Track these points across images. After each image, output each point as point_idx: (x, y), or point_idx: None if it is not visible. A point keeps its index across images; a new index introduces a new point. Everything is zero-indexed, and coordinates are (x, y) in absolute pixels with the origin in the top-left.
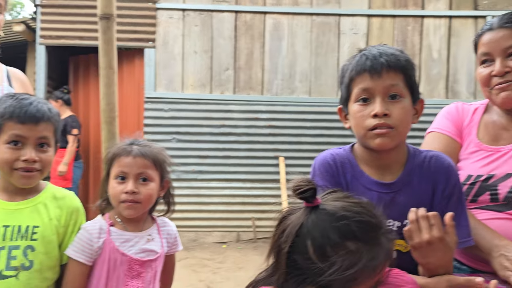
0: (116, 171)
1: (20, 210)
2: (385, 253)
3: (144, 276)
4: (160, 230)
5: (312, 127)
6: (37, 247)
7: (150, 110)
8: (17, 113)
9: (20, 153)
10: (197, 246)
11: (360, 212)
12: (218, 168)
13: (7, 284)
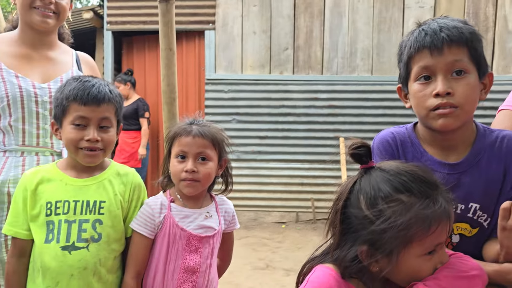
0: (177, 150)
1: (88, 186)
2: (442, 211)
3: (202, 251)
4: (218, 208)
5: (374, 107)
6: (104, 221)
7: (210, 92)
8: (80, 95)
9: (83, 133)
10: (256, 225)
11: (415, 170)
12: (277, 149)
13: (80, 254)
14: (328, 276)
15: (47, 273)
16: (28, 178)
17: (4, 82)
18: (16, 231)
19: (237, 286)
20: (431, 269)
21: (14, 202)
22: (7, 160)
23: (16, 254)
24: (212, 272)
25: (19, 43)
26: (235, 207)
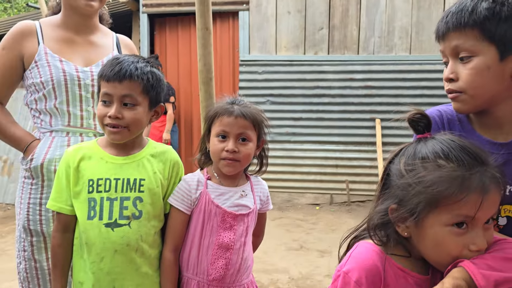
0: (218, 130)
1: (127, 164)
2: (478, 183)
3: (236, 229)
4: (253, 187)
5: (412, 87)
6: (145, 198)
7: (244, 73)
8: (105, 72)
9: (108, 109)
10: (290, 206)
11: (466, 143)
12: (311, 130)
13: (122, 231)
14: (371, 251)
15: (92, 249)
16: (70, 155)
17: (49, 66)
18: (60, 206)
19: (271, 266)
20: (459, 247)
21: (58, 178)
22: (54, 140)
23: (60, 229)
24: (247, 250)
25: (63, 28)
26: (269, 188)
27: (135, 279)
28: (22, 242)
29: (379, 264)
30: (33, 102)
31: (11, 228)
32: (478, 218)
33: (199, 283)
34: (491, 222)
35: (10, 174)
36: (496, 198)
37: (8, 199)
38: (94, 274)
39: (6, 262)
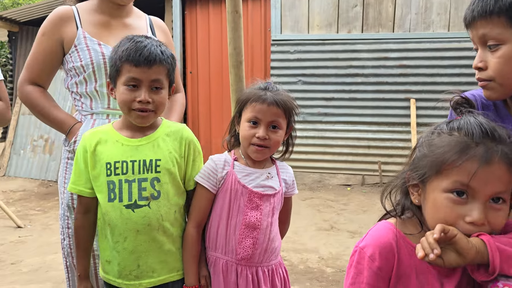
0: (250, 116)
1: (143, 145)
2: (483, 154)
3: (263, 208)
4: (279, 171)
5: (450, 66)
6: (162, 179)
7: (276, 53)
8: (132, 56)
9: (135, 94)
10: (321, 187)
11: (485, 121)
12: (343, 111)
13: (143, 212)
14: (388, 230)
15: (115, 230)
16: (87, 139)
17: (89, 50)
18: (80, 189)
19: (302, 245)
20: (454, 215)
21: (76, 162)
22: (95, 122)
23: (82, 211)
24: (274, 231)
25: (99, 12)
26: (300, 169)
27: (158, 256)
28: (66, 220)
29: (393, 241)
30: (73, 85)
31: (53, 204)
32: (477, 190)
33: (228, 262)
34: (502, 203)
35: (52, 152)
36: (501, 174)
37: (50, 176)
38: (119, 253)
39: (50, 236)
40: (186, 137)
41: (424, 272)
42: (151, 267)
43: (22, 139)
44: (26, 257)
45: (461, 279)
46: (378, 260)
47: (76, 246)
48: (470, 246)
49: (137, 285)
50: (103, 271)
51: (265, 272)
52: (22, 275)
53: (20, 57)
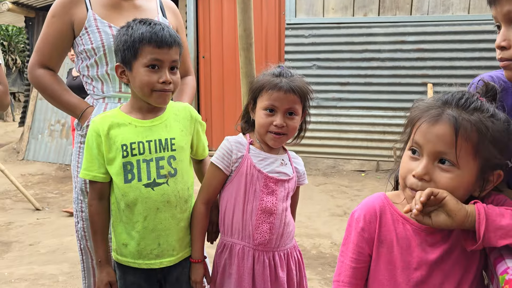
0: (266, 104)
1: (156, 126)
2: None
3: (278, 194)
4: (291, 158)
5: (469, 50)
6: (177, 156)
7: (290, 37)
8: (154, 38)
9: (157, 75)
10: (335, 173)
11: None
12: (358, 96)
13: (161, 190)
14: (378, 199)
15: (134, 210)
16: (99, 124)
17: (100, 33)
18: (94, 175)
19: (314, 230)
20: (407, 170)
21: (88, 148)
22: (107, 106)
23: (96, 197)
24: (288, 215)
25: None
26: (314, 154)
27: (177, 233)
28: (79, 203)
29: (378, 208)
30: (85, 68)
31: (70, 187)
32: (423, 148)
33: (245, 247)
34: (449, 165)
35: (68, 137)
36: (443, 134)
37: (67, 160)
38: (139, 233)
39: (67, 218)
40: (193, 116)
41: (406, 238)
42: (171, 245)
43: (40, 124)
44: (44, 238)
45: (450, 252)
46: (362, 222)
47: (94, 232)
48: (459, 208)
49: (158, 263)
50: (119, 255)
51: (281, 256)
52: (40, 256)
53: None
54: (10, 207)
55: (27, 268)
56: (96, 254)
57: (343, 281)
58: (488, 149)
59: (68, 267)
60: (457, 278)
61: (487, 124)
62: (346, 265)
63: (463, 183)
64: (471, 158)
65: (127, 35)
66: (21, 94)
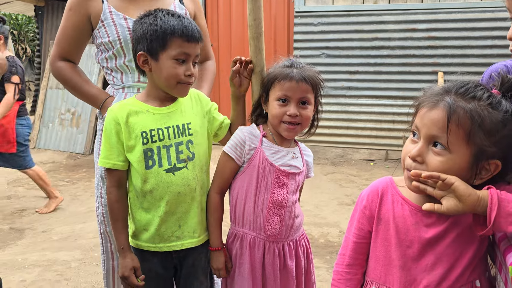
0: (279, 94)
1: (172, 112)
2: (429, 101)
3: (289, 187)
4: (302, 152)
5: (482, 38)
6: (195, 140)
7: (299, 25)
8: (185, 32)
9: (184, 68)
10: (344, 162)
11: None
12: (368, 84)
13: (182, 174)
14: (383, 181)
15: (156, 195)
16: (117, 112)
17: (115, 26)
18: (113, 163)
19: (323, 219)
20: (406, 152)
21: (107, 136)
22: (126, 96)
23: (115, 185)
24: (297, 207)
25: None
26: (323, 143)
27: (197, 216)
28: (99, 189)
29: (381, 188)
30: (104, 60)
31: (81, 176)
32: (420, 131)
33: (256, 238)
34: (441, 149)
35: (79, 125)
36: (437, 119)
37: (77, 149)
38: (161, 217)
39: (78, 206)
40: (204, 99)
41: (403, 217)
42: (192, 227)
43: (50, 113)
44: (56, 226)
45: (444, 234)
46: (365, 201)
47: (114, 220)
48: (469, 193)
49: (180, 245)
50: (139, 240)
51: (290, 246)
52: (52, 242)
53: (46, 32)
54: (22, 194)
55: (40, 255)
56: (118, 241)
57: (345, 254)
58: (480, 137)
59: (80, 254)
60: (450, 261)
61: (482, 113)
62: (349, 240)
63: (454, 167)
64: (464, 144)
65: (156, 25)
66: (32, 83)
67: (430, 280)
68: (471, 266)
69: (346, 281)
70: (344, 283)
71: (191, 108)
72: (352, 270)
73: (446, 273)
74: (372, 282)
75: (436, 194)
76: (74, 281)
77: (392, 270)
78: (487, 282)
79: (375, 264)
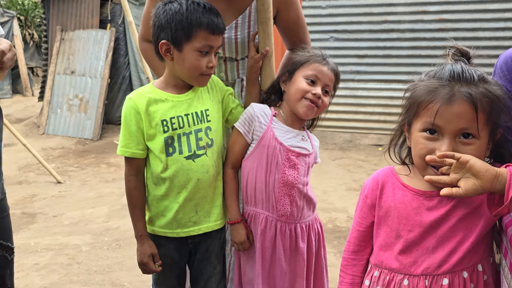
0: (310, 73)
1: (190, 99)
2: (442, 95)
3: (299, 168)
4: (310, 136)
5: (494, 20)
6: (213, 127)
7: (307, 8)
8: (211, 25)
9: (207, 59)
10: (352, 147)
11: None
12: (377, 68)
13: (202, 161)
14: (385, 170)
15: (175, 182)
16: (137, 101)
17: None
18: (133, 151)
19: (330, 204)
20: (427, 151)
21: (126, 125)
22: None
23: (134, 173)
24: (309, 190)
25: None
26: (331, 128)
27: (214, 200)
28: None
29: (381, 177)
30: None
31: (90, 161)
32: (443, 128)
33: (268, 217)
34: (471, 138)
35: (87, 111)
36: (462, 112)
37: (86, 135)
38: (179, 203)
39: (88, 191)
40: (219, 84)
41: (404, 202)
42: (208, 212)
43: (59, 99)
44: (67, 210)
45: (446, 218)
46: (367, 190)
47: (132, 207)
48: (486, 168)
49: (197, 230)
50: (155, 226)
51: (303, 228)
52: (63, 227)
53: (53, 17)
54: (33, 180)
55: (52, 239)
56: (136, 229)
57: (350, 241)
58: (497, 114)
59: (91, 238)
60: (451, 245)
61: (495, 93)
62: (354, 228)
63: (483, 150)
64: (486, 126)
65: (182, 15)
66: (39, 69)
67: (430, 263)
68: (473, 250)
69: (352, 267)
70: (350, 268)
71: (208, 94)
72: (357, 256)
73: (447, 256)
74: (375, 267)
75: (452, 179)
76: (85, 264)
77: (393, 254)
78: (490, 267)
79: (378, 249)
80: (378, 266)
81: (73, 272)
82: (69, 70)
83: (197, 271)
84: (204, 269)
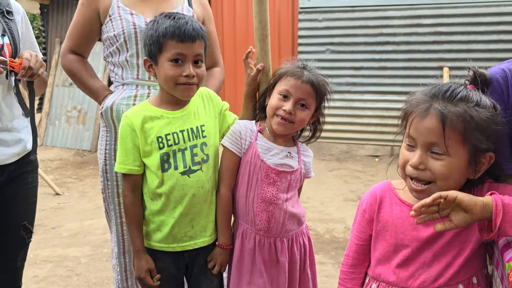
0: (282, 89)
1: (185, 115)
2: (420, 110)
3: (279, 185)
4: (300, 151)
5: (487, 32)
6: (208, 142)
7: (303, 21)
8: (177, 33)
9: (181, 69)
10: (349, 158)
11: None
12: (373, 80)
13: (197, 176)
14: (382, 185)
15: (171, 197)
16: (132, 118)
17: (121, 20)
18: (130, 168)
19: (328, 215)
20: (404, 161)
21: (122, 142)
22: (123, 92)
23: (131, 189)
24: (293, 205)
25: None
26: (328, 139)
27: (208, 216)
28: (101, 184)
29: (379, 192)
30: (109, 55)
31: (88, 173)
32: (417, 140)
33: (248, 229)
34: (441, 154)
35: (85, 122)
36: (432, 126)
37: (84, 146)
38: (175, 218)
39: (86, 202)
40: (215, 99)
41: (401, 218)
42: (203, 227)
43: (57, 110)
44: (65, 222)
45: (442, 233)
46: (364, 205)
47: (130, 222)
48: (474, 202)
49: (192, 244)
50: (151, 240)
51: (284, 242)
52: (62, 239)
53: (52, 30)
54: None
55: (51, 251)
56: (133, 244)
57: (349, 255)
58: (474, 135)
59: (90, 250)
60: (447, 259)
61: (472, 113)
62: (352, 242)
63: (455, 168)
64: (460, 145)
65: (153, 29)
66: None
67: (426, 276)
68: (468, 264)
69: (351, 280)
70: (350, 282)
71: (204, 110)
72: (356, 270)
73: (443, 270)
74: (373, 279)
75: (443, 215)
76: (84, 276)
77: (391, 268)
78: (484, 279)
79: (375, 263)
80: (376, 279)
81: (72, 284)
82: (68, 82)
83: (194, 284)
84: (201, 283)
